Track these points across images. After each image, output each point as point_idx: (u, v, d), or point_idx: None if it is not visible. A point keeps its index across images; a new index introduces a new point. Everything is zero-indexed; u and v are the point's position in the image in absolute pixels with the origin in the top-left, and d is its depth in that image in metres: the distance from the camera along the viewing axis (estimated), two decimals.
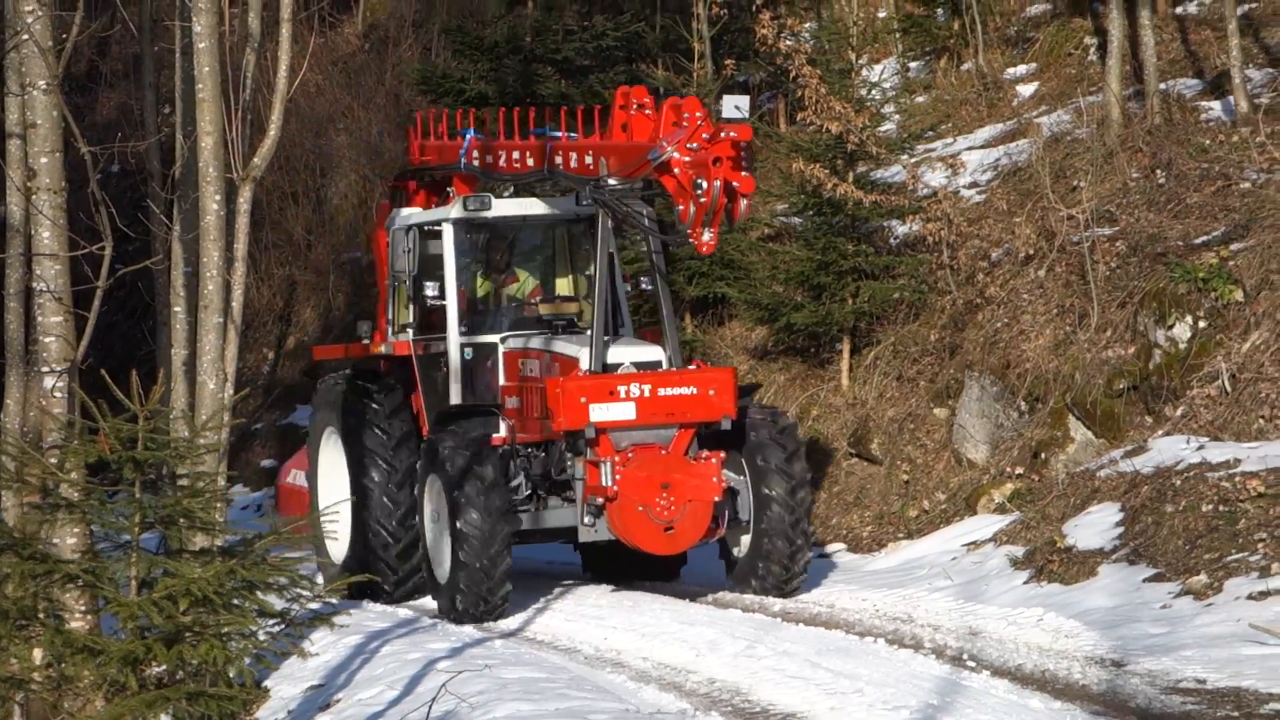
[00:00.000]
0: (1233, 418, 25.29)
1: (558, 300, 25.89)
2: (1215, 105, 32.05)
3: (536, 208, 26.24)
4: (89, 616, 15.54)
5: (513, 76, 37.52)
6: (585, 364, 23.29)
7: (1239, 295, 26.93)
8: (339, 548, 26.00)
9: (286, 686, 21.62)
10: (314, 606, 15.56)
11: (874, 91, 32.68)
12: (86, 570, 15.02)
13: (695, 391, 23.39)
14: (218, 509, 15.45)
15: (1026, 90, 36.44)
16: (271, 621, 14.93)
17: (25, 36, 17.70)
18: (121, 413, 14.33)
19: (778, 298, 31.67)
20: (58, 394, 17.23)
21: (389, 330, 26.79)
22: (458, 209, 25.29)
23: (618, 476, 22.70)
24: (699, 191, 21.27)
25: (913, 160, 33.71)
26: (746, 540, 24.08)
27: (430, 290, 25.10)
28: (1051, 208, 30.34)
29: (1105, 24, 33.64)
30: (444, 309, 25.33)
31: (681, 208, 21.76)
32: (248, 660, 14.75)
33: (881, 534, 28.56)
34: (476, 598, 23.13)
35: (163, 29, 26.95)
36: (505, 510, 23.26)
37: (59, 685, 14.82)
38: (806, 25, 38.45)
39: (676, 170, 21.58)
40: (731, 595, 24.62)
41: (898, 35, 39.82)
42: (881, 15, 41.25)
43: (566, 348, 23.99)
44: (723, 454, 23.45)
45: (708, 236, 21.57)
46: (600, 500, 22.99)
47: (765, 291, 31.73)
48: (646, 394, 23.06)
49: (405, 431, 25.53)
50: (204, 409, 18.10)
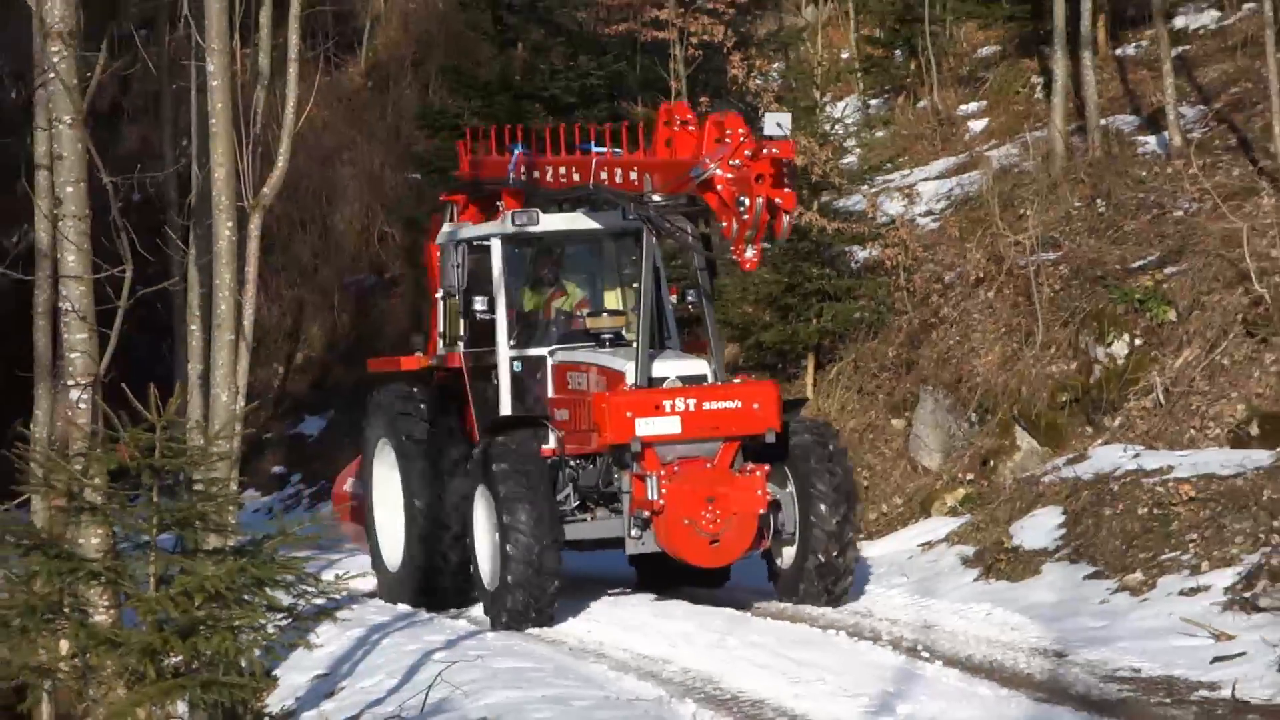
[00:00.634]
0: (1166, 428, 25.37)
1: (604, 314, 24.38)
2: (1151, 140, 32.12)
3: (583, 223, 24.87)
4: (111, 611, 15.55)
5: (504, 113, 37.39)
6: (631, 378, 22.13)
7: (1172, 315, 27.02)
8: (393, 555, 25.11)
9: (294, 675, 21.63)
10: (319, 602, 15.58)
11: (837, 127, 32.64)
12: (109, 568, 15.05)
13: (740, 405, 22.06)
14: (230, 512, 15.46)
15: (977, 126, 36.52)
16: (279, 615, 14.95)
17: (52, 75, 17.70)
18: (141, 423, 14.35)
19: (748, 317, 31.67)
20: (82, 406, 17.22)
21: (441, 343, 25.59)
22: (506, 224, 24.04)
23: (664, 490, 21.44)
24: (742, 208, 20.19)
25: (872, 190, 33.82)
26: (791, 552, 22.67)
27: (480, 304, 24.05)
28: (1000, 234, 30.41)
29: (1050, 64, 33.73)
30: (493, 322, 24.16)
31: (725, 224, 20.68)
32: (258, 651, 14.75)
33: None
34: (525, 606, 21.93)
35: (180, 68, 26.98)
36: (553, 521, 21.96)
37: (84, 674, 14.83)
38: (774, 65, 38.54)
39: (719, 187, 20.45)
40: (704, 591, 24.18)
41: (859, 75, 39.89)
42: (844, 56, 41.29)
43: (612, 361, 22.78)
44: (767, 467, 22.18)
45: (750, 253, 20.51)
46: (647, 514, 21.75)
47: (736, 311, 31.64)
48: (691, 408, 21.84)
49: (456, 442, 24.31)
50: (217, 419, 18.12)
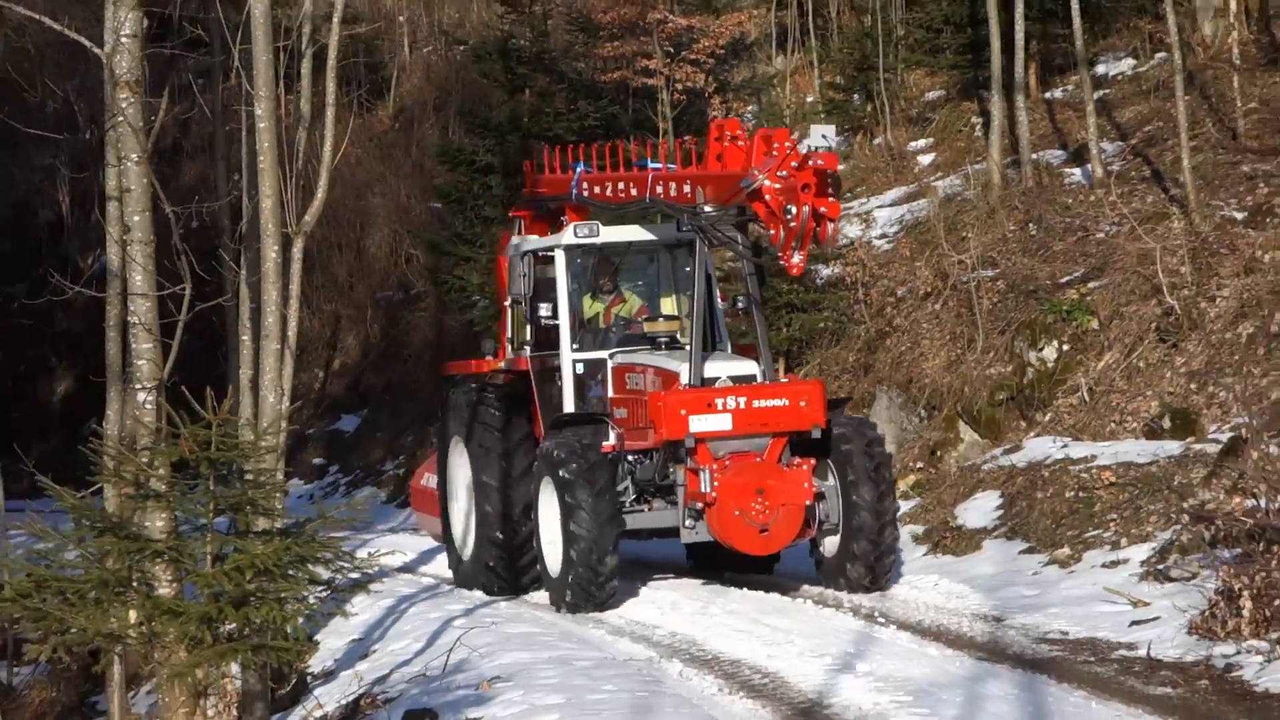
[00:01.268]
0: (1090, 422, 25.42)
1: (660, 319, 23.22)
2: (1076, 171, 32.17)
3: (641, 234, 23.77)
4: (173, 585, 15.54)
5: (514, 150, 37.42)
6: (685, 378, 21.05)
7: (1095, 324, 27.07)
8: (465, 544, 24.07)
9: (333, 640, 21.65)
10: (354, 576, 15.58)
11: None
12: (171, 548, 15.05)
13: (787, 403, 20.96)
14: (276, 498, 15.47)
15: (925, 159, 36.55)
16: (319, 588, 14.96)
17: (121, 119, 17.70)
18: (199, 421, 14.36)
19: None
20: (148, 406, 17.20)
21: (509, 347, 24.47)
22: (569, 236, 23.04)
23: (716, 483, 20.45)
24: (789, 216, 19.08)
25: None
26: (835, 541, 21.46)
27: (545, 310, 22.85)
28: (945, 254, 30.46)
29: (988, 106, 33.83)
30: (557, 327, 22.96)
31: (773, 232, 19.55)
32: (301, 619, 14.74)
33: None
34: (585, 592, 20.88)
35: (232, 112, 26.95)
36: (613, 513, 20.83)
37: (150, 639, 14.83)
38: (749, 108, 38.59)
39: (767, 197, 19.23)
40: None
41: (822, 115, 39.80)
42: (809, 99, 41.33)
43: (668, 363, 21.71)
44: (813, 461, 21.15)
45: (797, 258, 19.35)
46: (700, 505, 20.80)
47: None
48: (742, 406, 20.76)
49: (523, 438, 23.17)
50: (265, 418, 18.09)
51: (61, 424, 49.86)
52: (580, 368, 22.87)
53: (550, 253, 23.24)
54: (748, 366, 21.70)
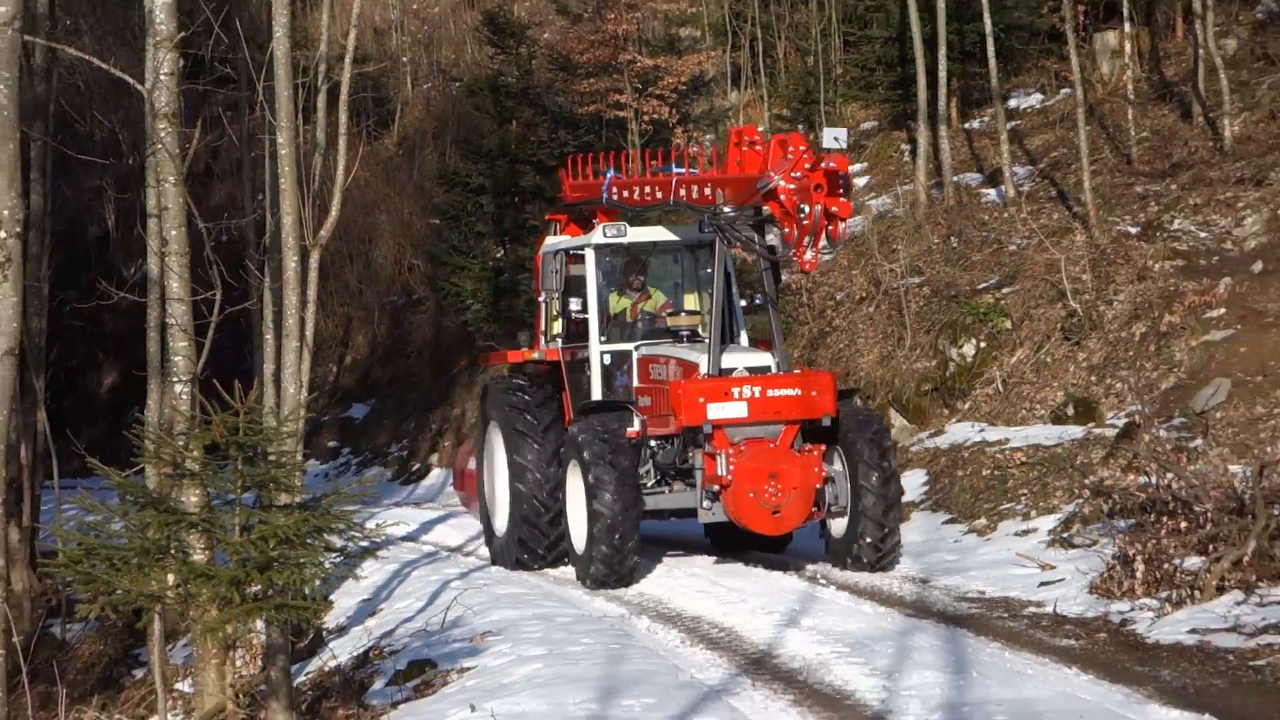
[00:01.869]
0: (1003, 410, 25.45)
1: (683, 313, 22.12)
2: (992, 192, 32.20)
3: (665, 234, 22.82)
4: (206, 552, 15.52)
5: (503, 173, 37.41)
6: (704, 369, 20.13)
7: (1008, 324, 27.10)
8: (501, 522, 22.71)
9: (345, 600, 21.63)
10: (364, 544, 15.58)
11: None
12: (204, 519, 15.03)
13: (799, 393, 19.94)
14: (296, 476, 15.46)
15: (861, 181, 36.49)
16: (334, 554, 14.95)
17: (160, 146, 17.66)
18: (228, 410, 14.35)
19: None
20: (184, 397, 17.17)
21: (543, 339, 23.50)
22: (598, 236, 22.08)
23: (732, 467, 19.42)
24: (802, 215, 18.22)
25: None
26: (843, 523, 20.39)
27: (575, 305, 22.03)
28: (878, 264, 30.47)
29: (915, 135, 33.81)
30: (587, 321, 22.07)
31: (787, 230, 18.71)
32: (317, 581, 14.74)
33: None
34: (608, 568, 19.83)
35: (257, 140, 26.92)
36: (633, 494, 19.81)
37: (185, 599, 14.81)
38: (708, 137, 38.51)
39: (782, 197, 18.38)
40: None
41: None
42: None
43: (688, 354, 20.73)
44: (823, 447, 20.16)
45: (810, 255, 18.47)
46: (717, 487, 19.73)
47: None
48: (757, 395, 19.76)
49: (554, 423, 22.01)
50: (286, 407, 18.07)
51: (108, 413, 49.75)
52: (607, 358, 22.10)
53: (581, 251, 22.43)
54: (763, 358, 20.77)
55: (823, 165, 18.31)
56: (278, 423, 16.32)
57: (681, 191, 20.90)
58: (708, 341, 20.58)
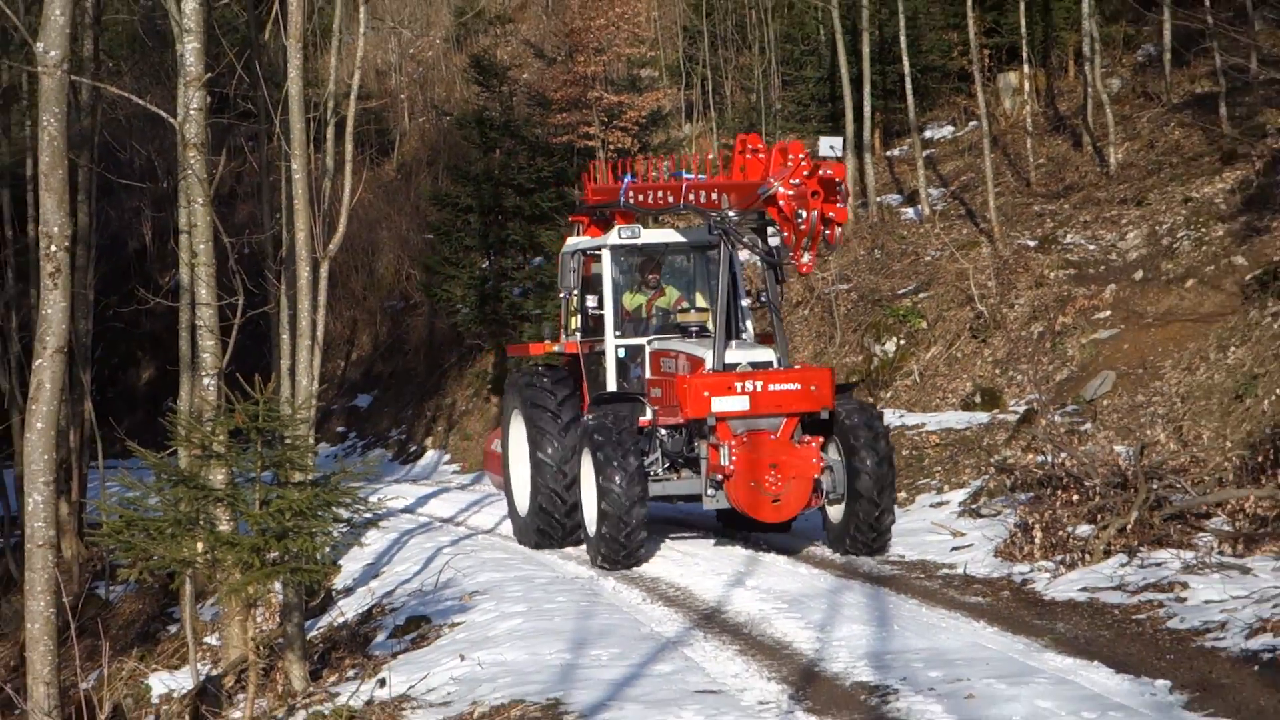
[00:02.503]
0: (920, 398, 25.47)
1: (693, 310, 20.59)
2: (910, 210, 32.27)
3: (675, 236, 21.37)
4: (230, 523, 15.45)
5: (487, 195, 37.36)
6: (709, 363, 18.64)
7: (924, 325, 27.14)
8: (523, 503, 21.17)
9: (351, 564, 21.57)
10: (367, 516, 15.53)
11: None
12: (228, 494, 14.97)
13: (799, 387, 18.39)
14: (308, 457, 15.41)
15: None
16: (341, 525, 14.92)
17: (189, 171, 17.58)
18: (249, 399, 14.30)
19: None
20: (211, 389, 17.09)
21: (563, 333, 22.00)
22: (614, 237, 20.66)
23: (734, 457, 18.10)
24: (799, 220, 16.81)
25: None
26: (839, 510, 18.79)
27: (592, 302, 20.73)
28: (813, 273, 30.46)
29: (844, 162, 33.81)
30: (603, 316, 20.60)
31: (786, 234, 17.20)
32: (327, 548, 14.69)
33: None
34: (616, 549, 18.28)
35: (274, 166, 26.79)
36: (641, 480, 18.31)
37: (213, 564, 14.75)
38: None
39: (781, 202, 16.97)
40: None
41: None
42: (710, 157, 41.26)
43: (696, 349, 19.21)
44: (821, 439, 18.65)
45: (806, 258, 17.05)
46: (720, 476, 18.30)
47: None
48: (759, 389, 18.28)
49: (573, 412, 20.46)
50: (299, 397, 18.00)
51: (145, 403, 49.55)
52: (622, 352, 20.65)
53: (597, 251, 20.99)
54: (766, 354, 19.11)
55: (820, 173, 17.06)
56: (292, 411, 16.26)
57: (691, 196, 19.70)
58: (713, 337, 19.20)
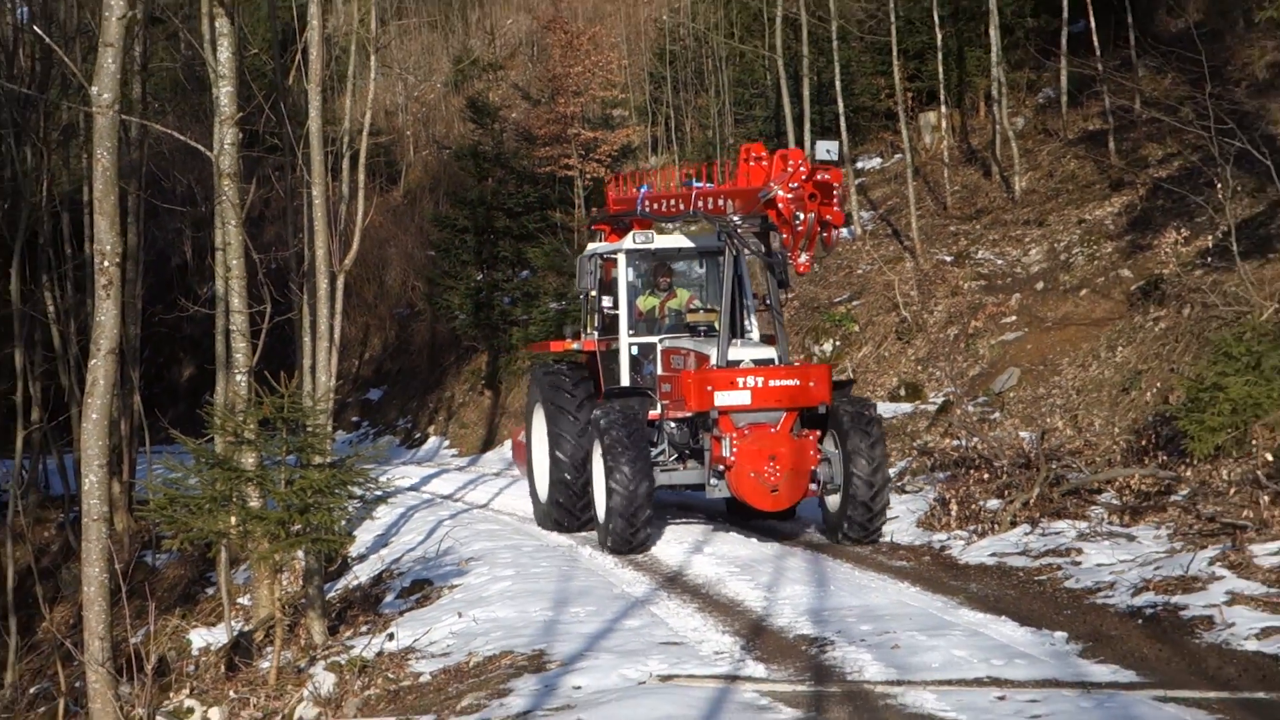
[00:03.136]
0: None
1: (702, 310, 19.24)
2: (844, 230, 32.25)
3: (686, 241, 19.77)
4: (259, 499, 15.43)
5: (481, 217, 37.39)
6: (714, 360, 17.44)
7: (856, 328, 27.13)
8: (543, 490, 19.99)
9: (364, 535, 21.52)
10: (378, 494, 15.50)
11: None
12: (258, 475, 14.93)
13: (798, 383, 17.12)
14: (326, 443, 15.39)
15: None
16: (355, 501, 14.88)
17: (224, 198, 17.55)
18: (275, 394, 14.27)
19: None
20: (242, 384, 17.06)
21: (584, 333, 20.63)
22: (628, 242, 19.48)
23: (735, 449, 16.82)
24: (797, 222, 15.35)
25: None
26: (836, 500, 17.40)
27: (607, 302, 19.46)
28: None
29: None
30: (618, 316, 19.42)
31: (785, 236, 15.75)
32: (343, 521, 14.67)
33: None
34: (622, 537, 16.95)
35: (297, 192, 26.73)
36: (647, 469, 17.00)
37: (244, 535, 14.72)
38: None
39: (780, 205, 15.42)
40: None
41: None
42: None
43: (702, 347, 18.03)
44: (819, 432, 17.39)
45: (804, 259, 15.47)
46: (722, 467, 17.04)
47: None
48: (760, 384, 17.00)
49: (590, 406, 19.08)
50: (318, 391, 17.97)
51: (186, 396, 49.40)
52: (635, 349, 19.39)
53: (613, 256, 19.73)
54: (767, 351, 17.78)
55: (817, 176, 15.54)
56: (313, 403, 16.24)
57: (700, 203, 18.22)
58: (719, 336, 17.93)
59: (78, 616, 21.07)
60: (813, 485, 17.21)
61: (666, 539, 18.07)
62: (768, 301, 18.63)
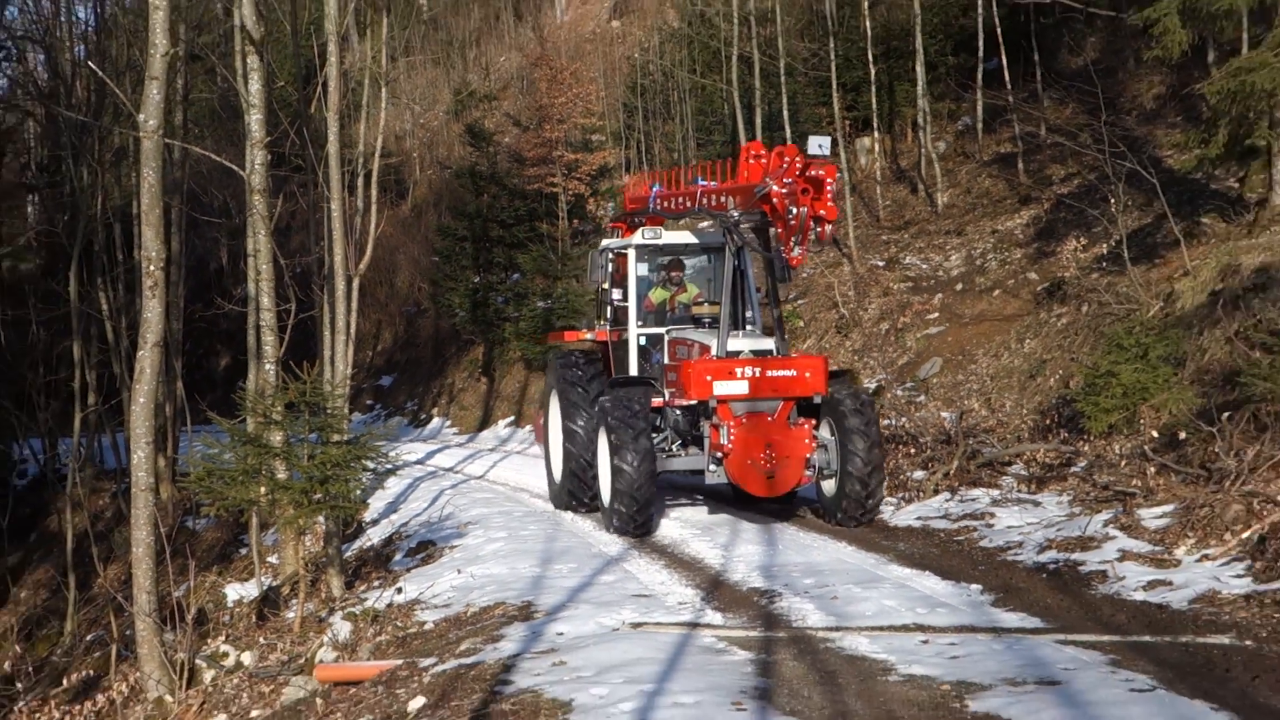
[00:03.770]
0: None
1: (706, 303, 17.71)
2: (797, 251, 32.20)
3: (691, 237, 18.16)
4: (285, 472, 15.38)
5: (478, 228, 37.25)
6: (715, 350, 16.11)
7: (801, 323, 27.12)
8: (557, 472, 18.51)
9: (377, 503, 21.45)
10: (389, 466, 15.46)
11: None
12: (284, 451, 14.87)
13: (795, 374, 15.77)
14: (344, 423, 15.34)
15: None
16: (369, 473, 14.85)
17: (255, 210, 17.46)
18: (299, 381, 14.21)
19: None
20: (271, 372, 17.00)
21: (597, 324, 18.98)
22: (638, 238, 17.78)
23: (733, 436, 15.52)
24: (790, 216, 13.96)
25: None
26: (832, 485, 15.96)
27: (617, 295, 18.01)
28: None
29: None
30: (628, 308, 17.99)
31: (779, 230, 14.36)
32: (359, 491, 14.63)
33: None
34: (627, 519, 15.53)
35: (318, 206, 26.62)
36: (651, 455, 15.59)
37: (273, 503, 14.67)
38: (610, 203, 38.44)
39: (775, 200, 14.05)
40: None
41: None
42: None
43: (705, 338, 16.64)
44: (814, 420, 16.03)
45: (797, 252, 14.03)
46: (720, 454, 15.65)
47: None
48: (757, 375, 15.67)
49: (600, 392, 17.72)
50: (336, 378, 17.92)
51: (222, 383, 49.16)
52: (643, 340, 17.99)
53: (624, 251, 18.18)
54: (766, 343, 16.26)
55: (810, 172, 14.16)
56: (331, 389, 16.18)
57: (704, 200, 16.77)
58: (720, 327, 16.49)
59: (128, 574, 20.99)
60: (808, 472, 15.83)
61: None
62: (764, 296, 17.49)
